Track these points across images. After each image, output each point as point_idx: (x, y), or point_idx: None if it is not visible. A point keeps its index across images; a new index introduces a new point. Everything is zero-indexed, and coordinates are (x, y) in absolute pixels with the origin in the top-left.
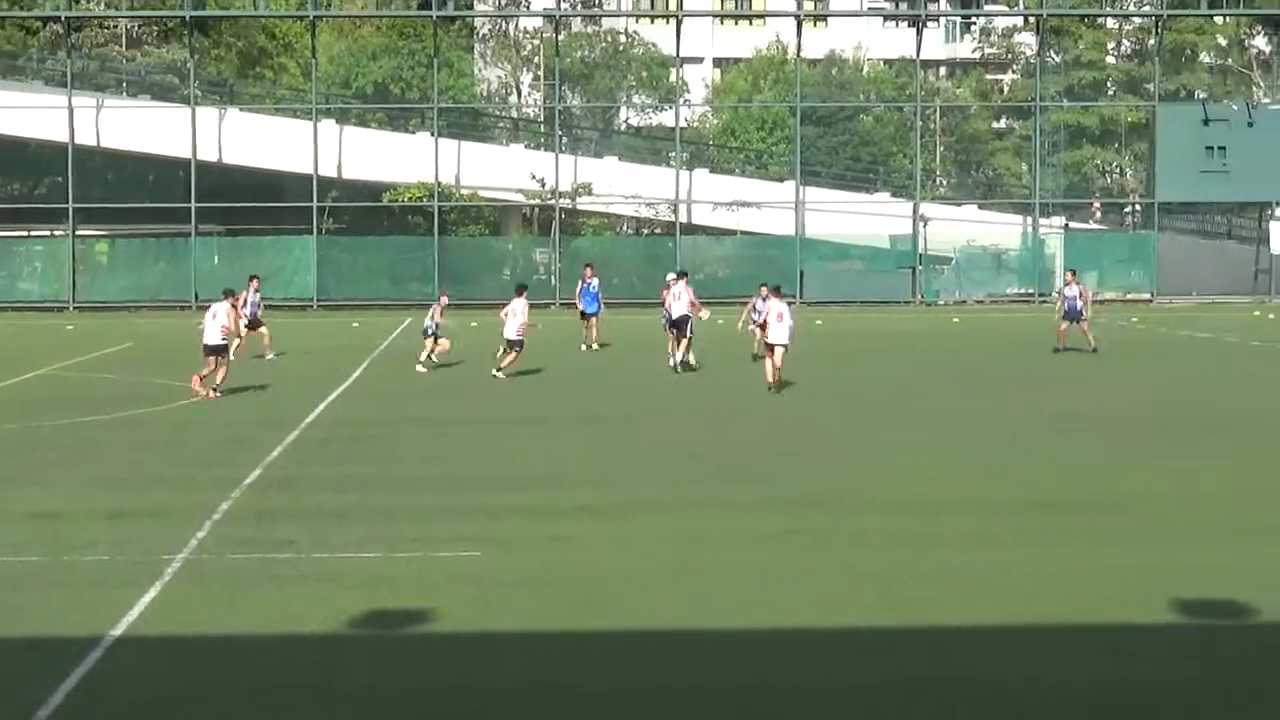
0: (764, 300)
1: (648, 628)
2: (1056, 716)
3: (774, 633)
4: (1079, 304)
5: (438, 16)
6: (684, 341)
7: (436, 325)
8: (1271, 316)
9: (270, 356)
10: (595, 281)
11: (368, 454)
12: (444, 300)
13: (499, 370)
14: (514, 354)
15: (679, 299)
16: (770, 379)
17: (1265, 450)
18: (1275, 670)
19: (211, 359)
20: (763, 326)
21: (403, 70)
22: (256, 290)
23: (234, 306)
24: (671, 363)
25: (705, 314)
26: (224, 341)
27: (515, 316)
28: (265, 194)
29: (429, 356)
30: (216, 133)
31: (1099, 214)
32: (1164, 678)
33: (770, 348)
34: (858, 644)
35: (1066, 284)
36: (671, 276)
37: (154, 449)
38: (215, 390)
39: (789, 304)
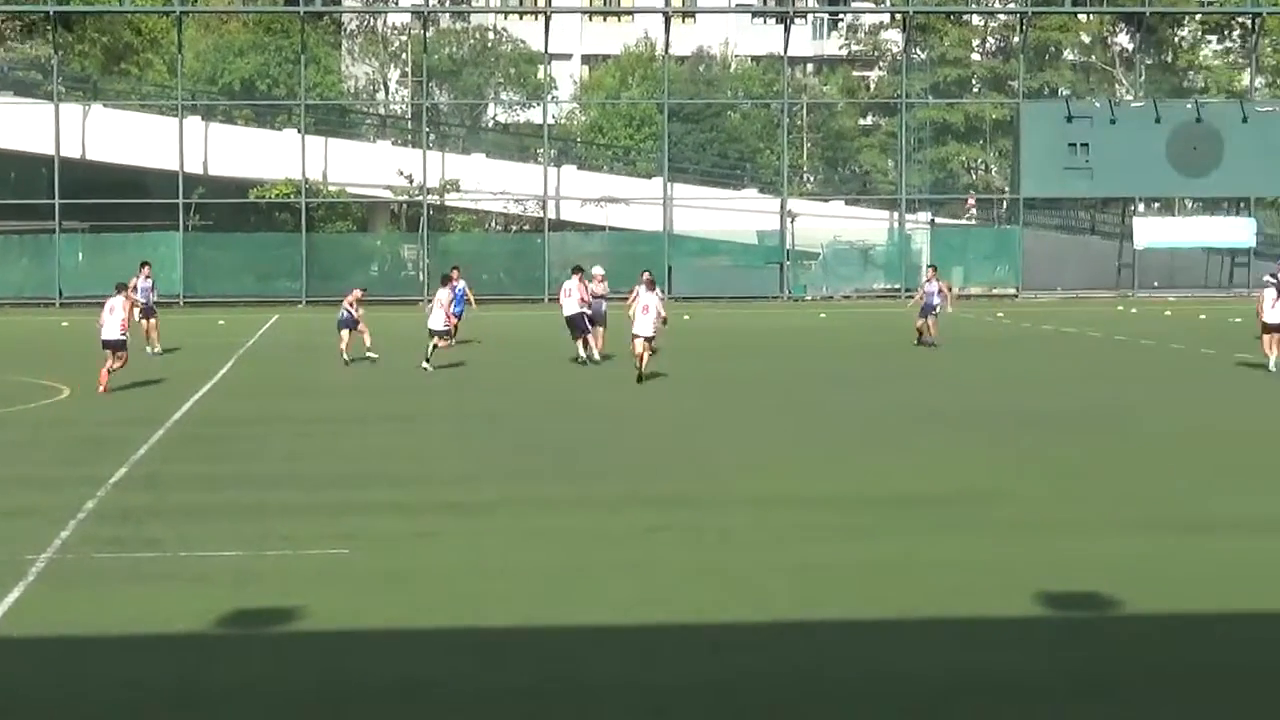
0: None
1: (514, 624)
2: (908, 707)
3: (639, 629)
4: (936, 300)
5: (305, 13)
6: (595, 336)
7: (356, 317)
8: (1135, 311)
9: (157, 350)
10: (462, 284)
11: (235, 452)
12: (357, 293)
13: (427, 361)
14: (445, 342)
15: (569, 295)
16: (640, 369)
17: (1127, 445)
18: (1131, 663)
19: (109, 354)
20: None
21: (270, 67)
22: (148, 277)
23: (129, 298)
24: (583, 355)
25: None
26: (123, 336)
27: (440, 307)
28: (130, 191)
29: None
30: (81, 129)
31: (974, 211)
32: (1019, 670)
33: (634, 338)
34: (720, 640)
35: (927, 280)
36: (598, 272)
37: (17, 448)
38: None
39: (660, 297)
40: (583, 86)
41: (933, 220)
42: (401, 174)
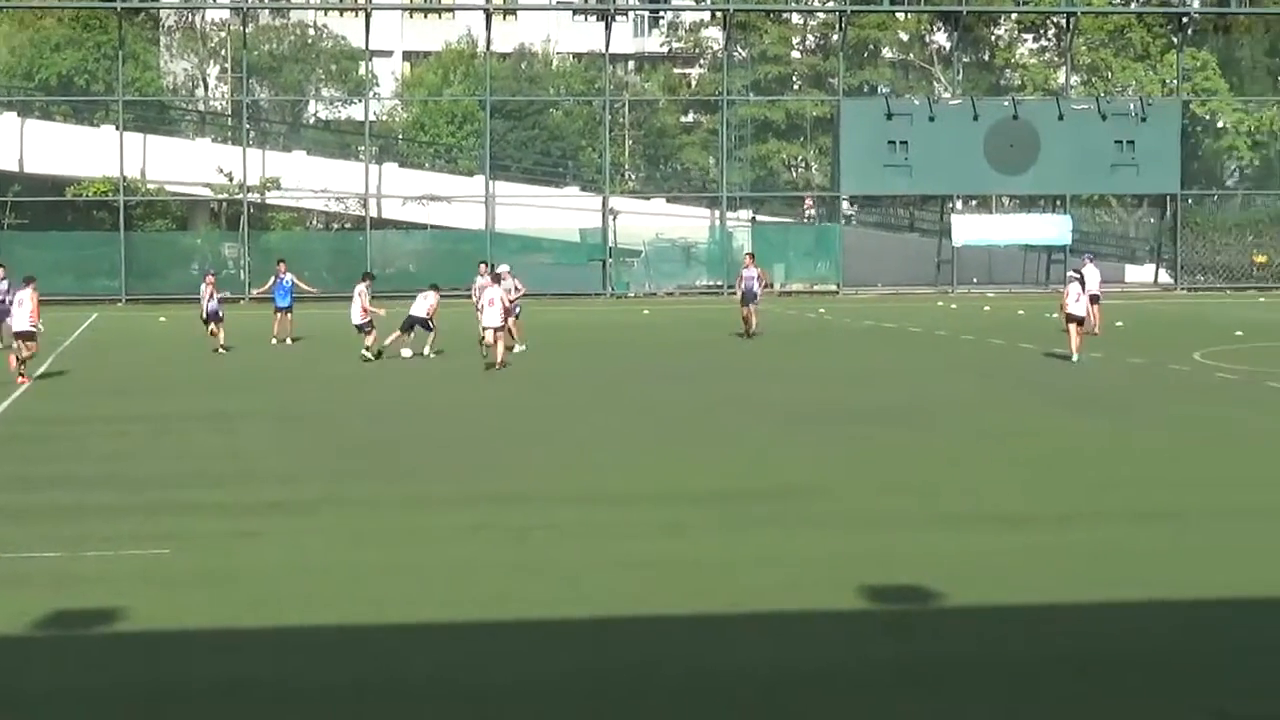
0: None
1: (337, 623)
2: (735, 702)
3: (463, 627)
4: (755, 285)
5: (122, 8)
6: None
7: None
8: (954, 306)
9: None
10: (289, 277)
11: (53, 452)
12: (211, 278)
13: (366, 349)
14: (372, 334)
15: (425, 298)
16: (494, 361)
17: (948, 440)
18: (953, 654)
19: (20, 343)
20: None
21: (88, 62)
22: (3, 278)
23: (34, 291)
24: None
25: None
26: (34, 328)
27: (358, 300)
28: None
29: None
30: None
31: (812, 211)
32: (843, 663)
33: (484, 330)
34: (545, 637)
35: (745, 266)
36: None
37: None
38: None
39: (508, 289)
40: (404, 83)
41: (754, 217)
42: (221, 171)
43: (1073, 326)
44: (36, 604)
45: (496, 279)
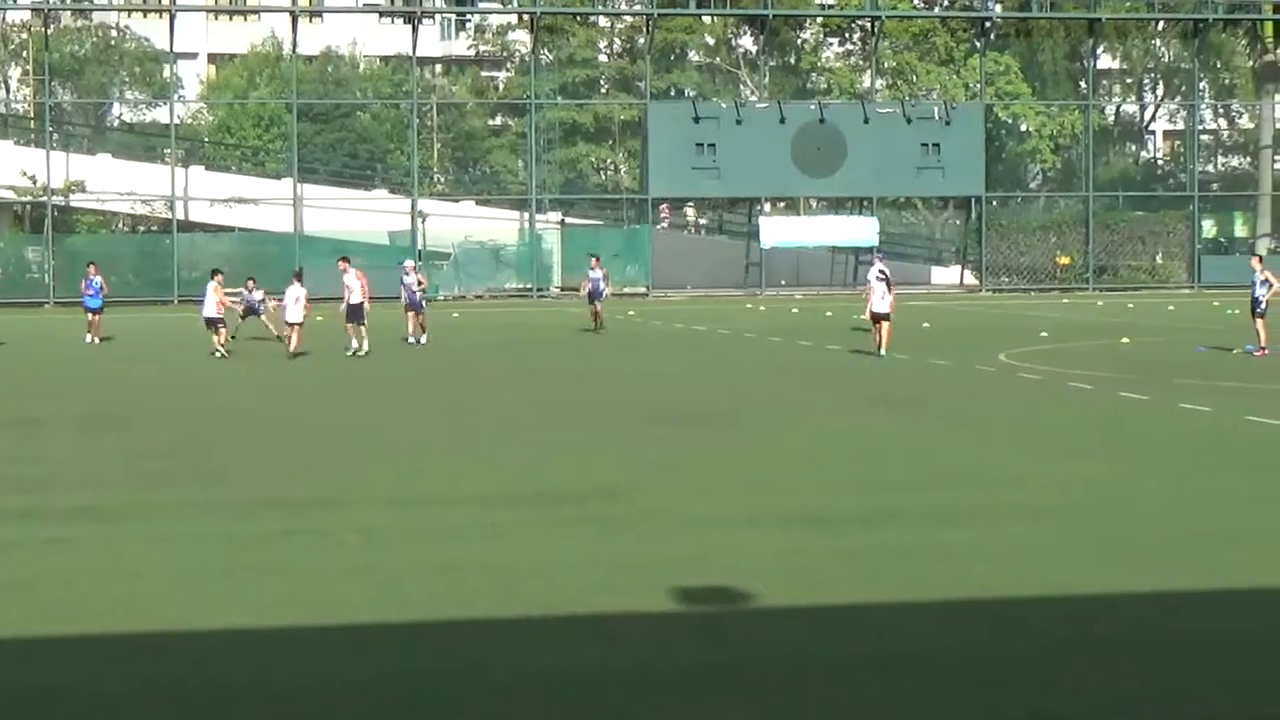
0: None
1: (146, 629)
2: (551, 703)
3: (276, 631)
4: (601, 285)
5: None
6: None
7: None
8: (763, 309)
9: None
10: (99, 279)
11: None
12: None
13: (220, 346)
14: (224, 330)
15: (351, 291)
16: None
17: (758, 440)
18: (766, 655)
19: None
20: None
21: None
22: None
23: None
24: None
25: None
26: None
27: (212, 295)
28: None
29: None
30: None
31: (667, 220)
32: (656, 663)
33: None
34: (361, 640)
35: (591, 268)
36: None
37: None
38: None
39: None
40: (209, 86)
41: (563, 220)
42: (24, 174)
43: (877, 325)
44: None
45: (298, 276)
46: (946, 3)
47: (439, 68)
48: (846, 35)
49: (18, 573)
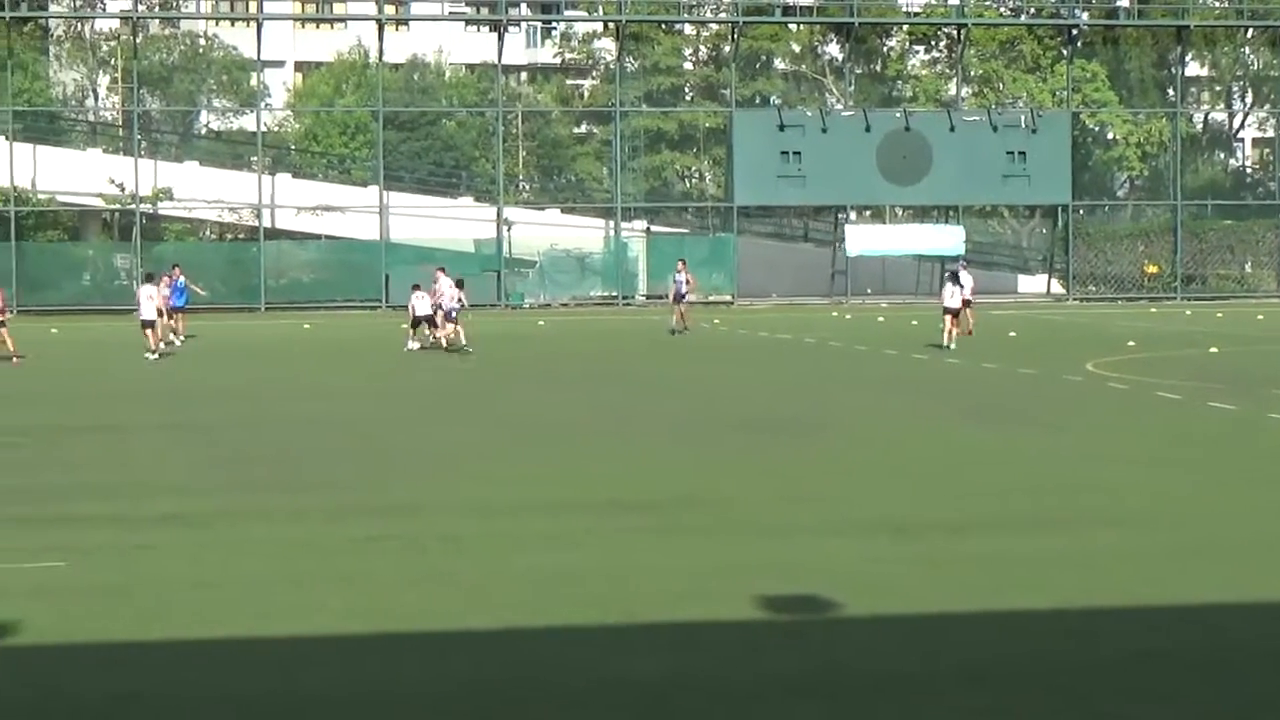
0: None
1: (232, 635)
2: (629, 712)
3: (360, 638)
4: (684, 288)
5: (10, 17)
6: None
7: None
8: (849, 317)
9: None
10: (183, 279)
11: None
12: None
13: (151, 350)
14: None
15: (422, 299)
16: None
17: (842, 449)
18: (847, 664)
19: None
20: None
21: None
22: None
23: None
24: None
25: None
26: None
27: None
28: None
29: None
30: None
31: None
32: (735, 673)
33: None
34: (445, 647)
35: (678, 271)
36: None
37: None
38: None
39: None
40: (296, 94)
41: (648, 228)
42: (113, 182)
43: (948, 319)
44: None
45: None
46: (1033, 10)
47: (524, 75)
48: (933, 43)
49: (104, 578)
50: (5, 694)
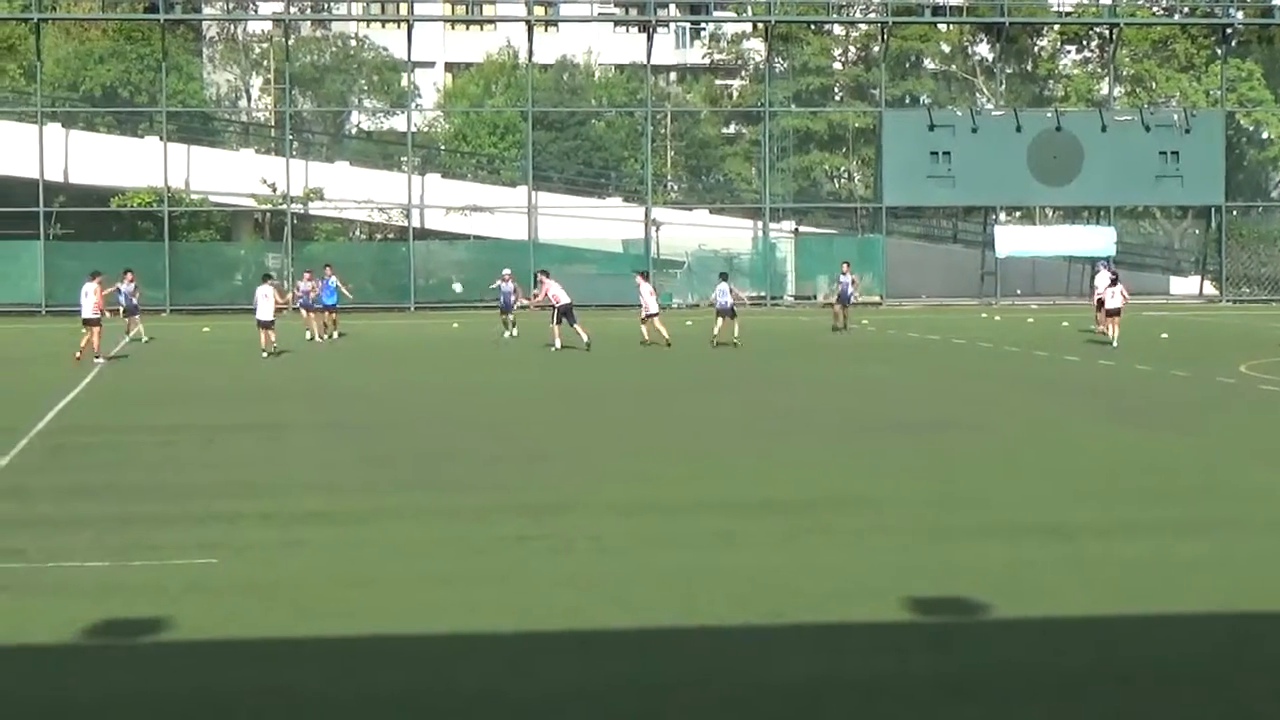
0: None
1: (382, 633)
2: (777, 714)
3: (509, 638)
4: (850, 290)
5: (165, 20)
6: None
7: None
8: (998, 318)
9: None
10: (334, 279)
11: (100, 462)
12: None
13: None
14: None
15: (267, 299)
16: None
17: (991, 451)
18: (998, 666)
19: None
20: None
21: (131, 74)
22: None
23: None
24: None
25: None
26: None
27: (92, 297)
28: None
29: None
30: None
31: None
32: (886, 674)
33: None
34: (592, 647)
35: (842, 273)
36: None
37: None
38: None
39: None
40: (446, 94)
41: (797, 228)
42: (265, 182)
43: (1110, 318)
44: (84, 613)
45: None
46: (1187, 9)
47: (673, 76)
48: (1084, 42)
49: (255, 574)
50: (160, 689)
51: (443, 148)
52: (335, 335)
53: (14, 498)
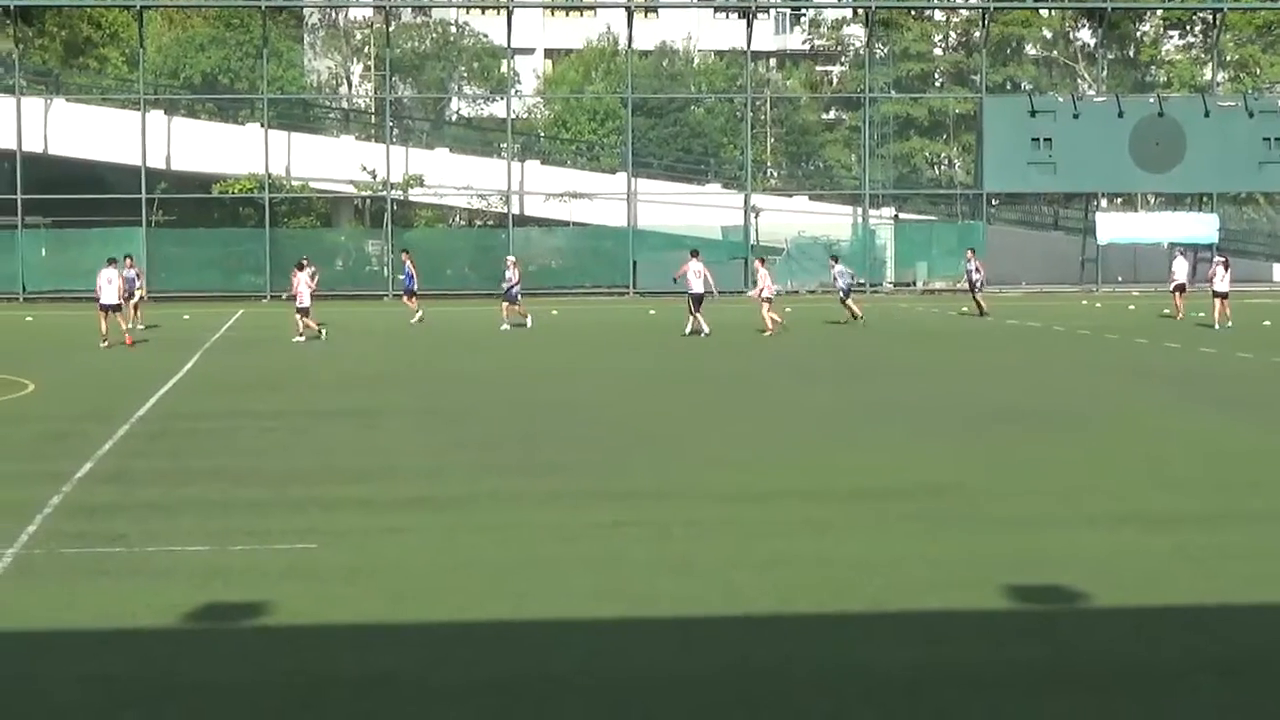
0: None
1: (481, 618)
2: (876, 701)
3: (606, 623)
4: (975, 276)
5: (266, 7)
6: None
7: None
8: (1099, 305)
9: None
10: (409, 264)
11: (200, 447)
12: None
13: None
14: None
15: (698, 275)
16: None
17: (1090, 439)
18: (1097, 655)
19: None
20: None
21: (231, 61)
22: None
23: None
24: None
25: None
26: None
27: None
28: (92, 186)
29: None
30: (42, 123)
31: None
32: (985, 663)
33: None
34: (688, 634)
35: (967, 260)
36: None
37: None
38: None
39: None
40: (545, 81)
41: (896, 215)
42: (365, 169)
43: (1217, 301)
44: (186, 597)
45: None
46: None
47: (773, 62)
48: (1187, 28)
49: (354, 559)
50: (260, 673)
51: (542, 134)
52: (417, 318)
53: (116, 482)
